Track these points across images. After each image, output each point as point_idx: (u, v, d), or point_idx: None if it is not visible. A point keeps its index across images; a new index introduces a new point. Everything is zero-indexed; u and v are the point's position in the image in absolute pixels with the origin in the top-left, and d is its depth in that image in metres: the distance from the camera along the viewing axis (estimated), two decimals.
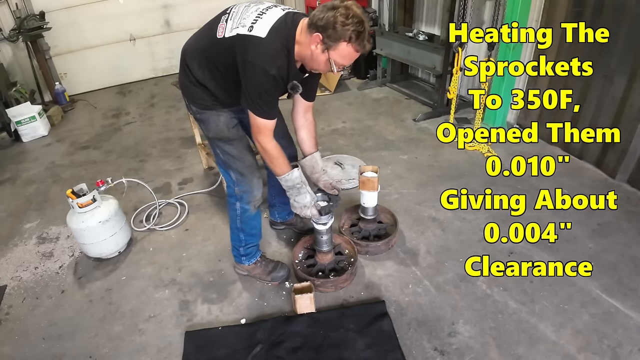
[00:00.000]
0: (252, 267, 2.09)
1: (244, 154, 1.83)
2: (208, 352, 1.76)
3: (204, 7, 5.69)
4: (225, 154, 1.81)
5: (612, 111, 2.65)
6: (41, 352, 1.84)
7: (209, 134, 1.80)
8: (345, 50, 1.42)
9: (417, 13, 4.55)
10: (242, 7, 1.58)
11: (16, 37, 4.63)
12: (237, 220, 1.94)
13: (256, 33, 1.46)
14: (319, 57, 1.47)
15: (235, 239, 2.03)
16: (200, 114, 1.76)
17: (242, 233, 1.98)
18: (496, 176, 2.86)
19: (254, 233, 2.03)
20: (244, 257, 2.05)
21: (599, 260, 2.09)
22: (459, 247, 2.25)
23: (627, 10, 2.43)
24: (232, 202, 1.92)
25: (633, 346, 1.66)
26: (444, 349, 1.71)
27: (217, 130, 1.76)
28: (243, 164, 1.82)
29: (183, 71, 1.73)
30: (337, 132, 3.72)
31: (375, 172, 2.18)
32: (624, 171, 2.66)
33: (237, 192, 1.86)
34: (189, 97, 1.76)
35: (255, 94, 1.51)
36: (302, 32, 1.48)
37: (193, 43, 1.70)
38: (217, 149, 1.82)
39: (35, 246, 2.54)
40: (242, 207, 1.89)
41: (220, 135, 1.77)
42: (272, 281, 2.09)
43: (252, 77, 1.48)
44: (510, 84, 3.30)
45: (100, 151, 3.75)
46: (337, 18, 1.35)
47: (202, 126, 1.81)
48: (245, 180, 1.84)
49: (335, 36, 1.39)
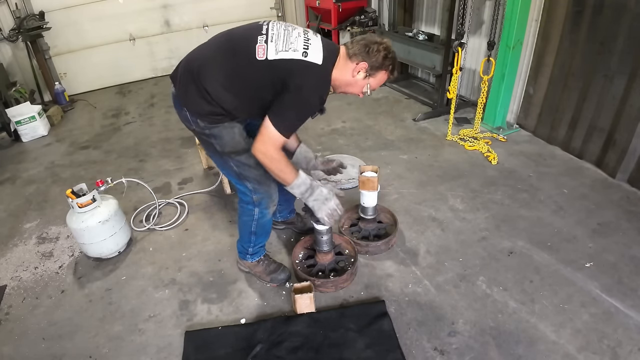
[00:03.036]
0: (254, 264, 2.09)
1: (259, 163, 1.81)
2: (208, 352, 1.76)
3: (204, 7, 5.72)
4: (241, 165, 1.74)
5: (612, 111, 2.66)
6: (41, 352, 1.84)
7: (225, 149, 1.70)
8: (383, 78, 1.69)
9: (417, 13, 4.56)
10: (280, 28, 1.58)
11: (16, 37, 4.63)
12: (252, 224, 1.92)
13: (312, 60, 1.54)
14: (359, 82, 1.66)
15: (245, 241, 2.01)
16: (211, 129, 1.66)
17: (254, 235, 1.97)
18: (496, 176, 2.86)
19: (265, 233, 2.03)
20: (250, 255, 2.06)
21: (598, 260, 2.09)
22: (459, 247, 2.25)
23: (627, 10, 2.43)
24: (249, 209, 1.88)
25: (633, 346, 1.67)
26: (443, 348, 1.71)
27: (234, 143, 1.69)
28: (260, 172, 1.76)
29: (195, 89, 1.59)
30: (337, 131, 3.72)
31: (375, 172, 2.18)
32: (624, 171, 2.66)
33: (255, 199, 1.83)
34: (197, 114, 1.64)
35: (293, 115, 1.57)
36: (341, 60, 1.64)
37: (213, 60, 1.59)
38: (232, 161, 1.74)
39: (35, 246, 2.54)
40: (260, 212, 1.88)
41: (238, 147, 1.70)
42: (271, 282, 2.09)
43: (302, 100, 1.55)
44: (510, 83, 3.30)
45: (100, 151, 3.75)
46: (381, 51, 1.60)
47: (215, 142, 1.69)
48: (263, 187, 1.81)
49: (377, 65, 1.62)
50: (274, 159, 1.59)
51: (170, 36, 5.68)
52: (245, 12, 5.96)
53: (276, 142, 1.56)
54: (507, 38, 3.08)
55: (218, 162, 1.83)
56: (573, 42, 2.83)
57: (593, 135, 2.83)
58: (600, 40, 2.63)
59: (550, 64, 3.05)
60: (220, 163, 1.82)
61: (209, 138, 1.70)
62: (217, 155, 1.76)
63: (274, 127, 1.53)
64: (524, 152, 3.13)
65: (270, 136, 1.54)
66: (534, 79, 3.24)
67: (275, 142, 1.56)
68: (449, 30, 3.40)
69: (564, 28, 2.87)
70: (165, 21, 5.61)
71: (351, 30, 5.00)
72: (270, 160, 1.59)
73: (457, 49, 3.28)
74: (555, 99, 3.07)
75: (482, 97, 3.31)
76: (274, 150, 1.57)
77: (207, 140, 1.72)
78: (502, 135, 3.37)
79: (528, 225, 2.37)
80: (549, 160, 3.02)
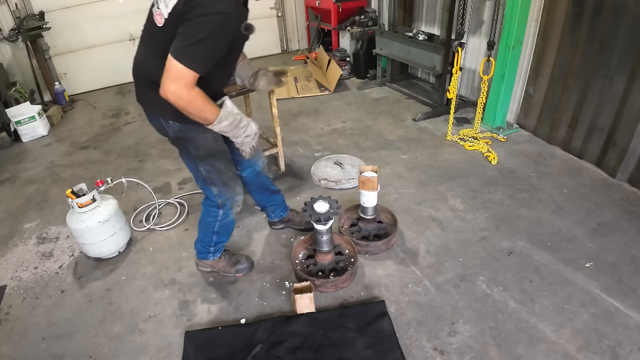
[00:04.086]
0: (216, 261, 2.12)
1: (229, 166, 1.83)
2: (208, 352, 1.76)
3: None
4: (211, 170, 1.76)
5: (612, 111, 2.66)
6: (41, 352, 1.84)
7: (199, 152, 1.70)
8: None
9: (417, 13, 4.56)
10: None
11: (16, 37, 4.63)
12: (215, 225, 1.95)
13: None
14: None
15: (206, 241, 2.03)
16: (185, 132, 1.62)
17: (216, 235, 2.00)
18: (496, 176, 2.86)
19: (228, 232, 2.06)
20: (211, 254, 2.09)
21: (598, 260, 2.09)
22: (458, 247, 2.25)
23: (627, 10, 2.43)
24: (213, 211, 1.91)
25: (633, 345, 1.67)
26: (443, 348, 1.71)
27: (208, 146, 1.69)
28: (228, 176, 1.82)
29: (146, 86, 1.55)
30: (337, 131, 3.72)
31: (375, 171, 2.18)
32: (624, 171, 2.66)
33: (220, 202, 1.86)
34: (167, 114, 1.57)
35: (199, 44, 1.35)
36: None
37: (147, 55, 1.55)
38: (203, 166, 1.74)
39: (35, 246, 2.54)
40: (225, 213, 1.91)
41: (212, 150, 1.71)
42: (237, 273, 2.13)
43: (201, 23, 1.34)
44: (510, 83, 3.30)
45: (99, 151, 3.75)
46: None
47: (189, 145, 1.68)
48: (228, 190, 1.84)
49: None
50: (189, 99, 1.41)
51: None
52: None
53: (187, 79, 1.37)
54: (507, 38, 3.08)
55: (190, 165, 1.81)
56: (573, 42, 2.83)
57: (593, 135, 2.83)
58: (600, 40, 2.63)
59: (550, 64, 3.05)
60: (192, 167, 1.81)
61: (184, 142, 1.69)
62: (192, 159, 1.75)
63: (179, 61, 1.34)
64: (523, 152, 3.13)
65: (179, 73, 1.35)
66: (533, 79, 3.24)
67: (186, 79, 1.37)
68: (449, 30, 3.40)
69: (564, 28, 2.87)
70: None
71: (351, 30, 5.00)
72: (186, 102, 1.41)
73: (457, 49, 3.28)
74: (555, 99, 3.08)
75: (482, 97, 3.31)
76: (185, 89, 1.38)
77: (183, 144, 1.71)
78: (502, 135, 3.37)
79: (528, 225, 2.37)
80: (548, 160, 3.02)
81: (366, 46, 4.82)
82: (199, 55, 1.36)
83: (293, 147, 3.49)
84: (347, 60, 5.21)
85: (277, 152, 3.02)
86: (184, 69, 1.34)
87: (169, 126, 1.63)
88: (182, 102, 1.40)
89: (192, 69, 1.35)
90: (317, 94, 4.67)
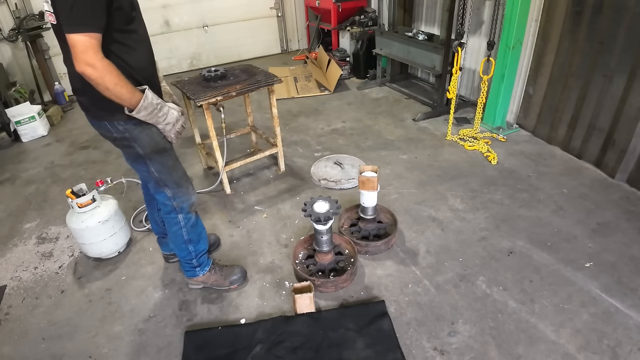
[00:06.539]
0: (207, 276, 2.05)
1: (177, 163, 1.80)
2: (208, 352, 1.76)
3: (204, 7, 5.72)
4: (162, 169, 1.72)
5: (611, 111, 2.66)
6: (41, 352, 1.84)
7: (145, 150, 1.66)
8: None
9: (417, 13, 4.56)
10: None
11: (15, 37, 4.63)
12: (182, 233, 1.89)
13: None
14: None
15: (185, 255, 1.97)
16: (130, 131, 1.60)
17: (190, 245, 1.94)
18: (496, 176, 2.86)
19: (202, 238, 1.99)
20: (198, 268, 2.02)
21: (598, 260, 2.09)
22: (458, 247, 2.25)
23: (627, 9, 2.43)
24: (172, 217, 1.86)
25: (632, 345, 1.67)
26: (443, 348, 1.71)
27: (154, 143, 1.66)
28: (178, 174, 1.79)
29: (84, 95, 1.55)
30: (337, 131, 3.72)
31: (374, 171, 2.18)
32: (624, 171, 2.66)
33: (175, 205, 1.82)
34: (112, 113, 1.55)
35: (70, 6, 1.27)
36: None
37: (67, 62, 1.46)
38: (153, 165, 1.71)
39: (34, 246, 2.54)
40: (185, 216, 1.87)
41: (158, 147, 1.68)
42: (231, 285, 2.06)
43: None
44: (510, 83, 3.30)
45: (99, 151, 3.75)
46: None
47: (135, 144, 1.64)
48: (181, 190, 1.81)
49: None
50: (103, 69, 1.34)
51: (170, 36, 5.68)
52: (244, 12, 5.97)
53: (92, 44, 1.31)
54: (506, 38, 3.08)
55: (141, 168, 1.77)
56: (573, 42, 2.83)
57: (592, 135, 2.84)
58: (600, 40, 2.63)
59: (549, 64, 3.05)
60: (142, 169, 1.76)
61: (130, 142, 1.64)
62: (141, 160, 1.70)
63: (73, 33, 1.29)
64: (523, 152, 3.13)
65: (81, 43, 1.30)
66: (533, 78, 3.24)
67: (92, 45, 1.31)
68: (449, 30, 3.40)
69: (564, 28, 2.87)
70: (165, 21, 5.61)
71: (351, 30, 5.00)
72: (101, 72, 1.34)
73: (456, 49, 3.28)
74: (555, 99, 3.08)
75: (482, 97, 3.31)
76: (95, 56, 1.32)
77: (129, 145, 1.66)
78: (502, 135, 3.37)
79: (528, 225, 2.38)
80: (548, 160, 3.02)
81: (366, 46, 4.82)
82: (83, 15, 1.29)
83: (293, 147, 3.49)
84: (347, 60, 5.21)
85: (277, 152, 3.02)
86: (82, 37, 1.29)
87: (115, 128, 1.60)
88: (98, 74, 1.34)
89: (89, 30, 1.30)
90: (317, 94, 4.67)
